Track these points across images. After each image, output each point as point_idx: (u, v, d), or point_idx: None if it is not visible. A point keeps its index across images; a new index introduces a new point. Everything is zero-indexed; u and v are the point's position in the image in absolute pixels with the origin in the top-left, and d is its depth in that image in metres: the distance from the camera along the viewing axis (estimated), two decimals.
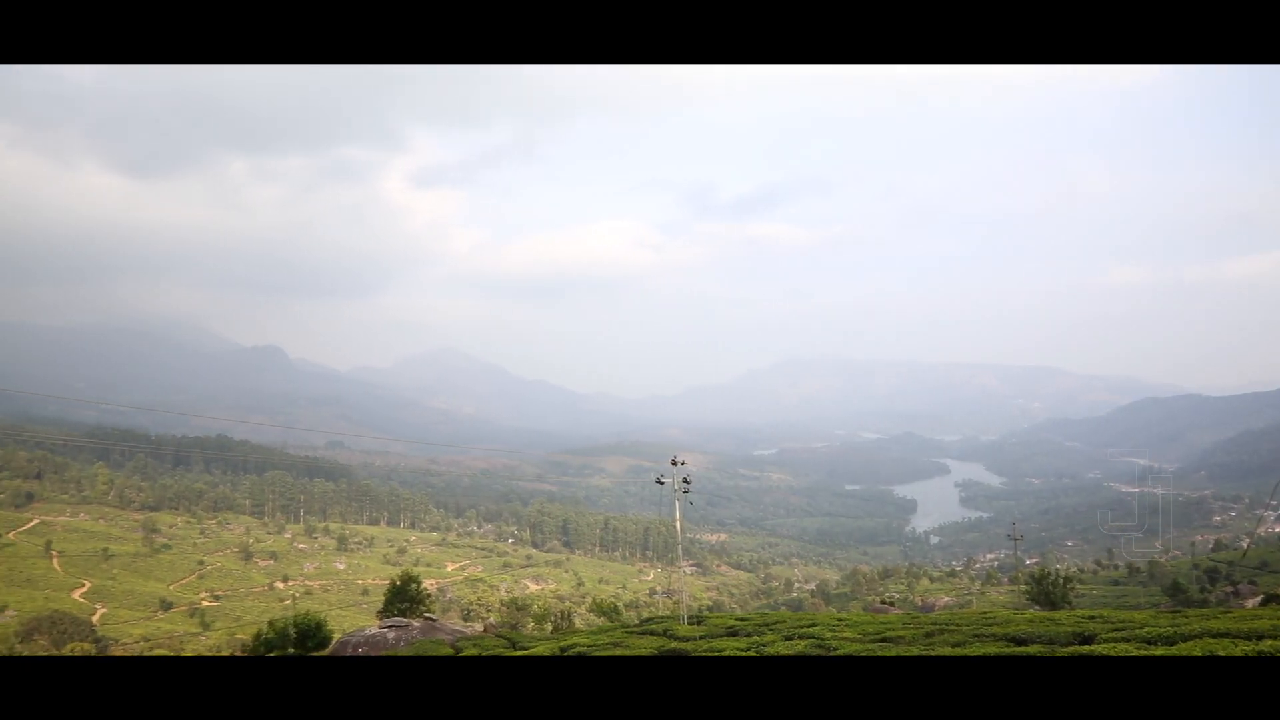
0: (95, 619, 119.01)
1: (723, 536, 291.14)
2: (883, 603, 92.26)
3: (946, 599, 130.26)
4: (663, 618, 50.91)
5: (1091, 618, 29.55)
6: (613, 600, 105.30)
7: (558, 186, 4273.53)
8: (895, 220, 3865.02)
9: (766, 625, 35.28)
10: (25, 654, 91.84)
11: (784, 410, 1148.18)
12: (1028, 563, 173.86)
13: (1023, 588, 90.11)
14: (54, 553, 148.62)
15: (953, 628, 29.14)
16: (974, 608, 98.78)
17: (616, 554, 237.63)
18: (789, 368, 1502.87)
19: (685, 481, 47.53)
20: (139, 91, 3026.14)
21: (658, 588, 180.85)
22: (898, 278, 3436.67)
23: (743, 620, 39.99)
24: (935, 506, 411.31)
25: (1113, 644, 19.53)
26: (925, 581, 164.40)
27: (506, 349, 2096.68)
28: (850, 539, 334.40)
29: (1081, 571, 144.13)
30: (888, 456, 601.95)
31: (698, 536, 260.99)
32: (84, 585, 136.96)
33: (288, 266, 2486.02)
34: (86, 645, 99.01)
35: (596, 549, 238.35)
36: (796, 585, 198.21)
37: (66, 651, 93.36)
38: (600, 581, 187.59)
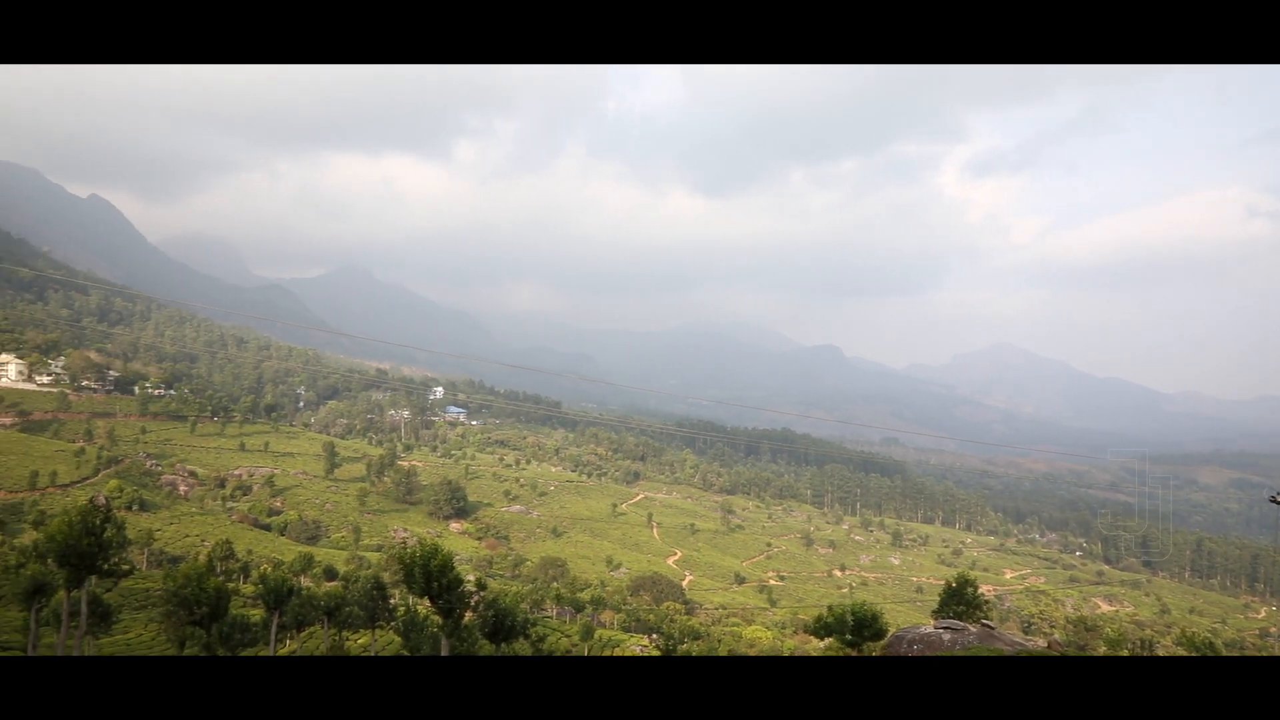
0: (685, 584, 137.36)
1: None
2: None
3: None
4: None
5: None
6: (1208, 636, 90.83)
7: (1136, 157, 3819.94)
8: None
9: None
10: (634, 605, 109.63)
11: None
12: None
13: None
14: (654, 524, 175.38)
15: None
16: None
17: (1213, 582, 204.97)
18: None
19: None
20: (715, 120, 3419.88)
21: (1271, 629, 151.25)
22: None
23: None
24: None
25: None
26: None
27: (1071, 343, 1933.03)
28: None
29: None
30: None
31: None
32: (676, 554, 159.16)
33: (842, 267, 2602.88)
34: (678, 605, 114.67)
35: (1186, 573, 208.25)
36: None
37: (662, 609, 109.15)
38: (1191, 611, 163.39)
